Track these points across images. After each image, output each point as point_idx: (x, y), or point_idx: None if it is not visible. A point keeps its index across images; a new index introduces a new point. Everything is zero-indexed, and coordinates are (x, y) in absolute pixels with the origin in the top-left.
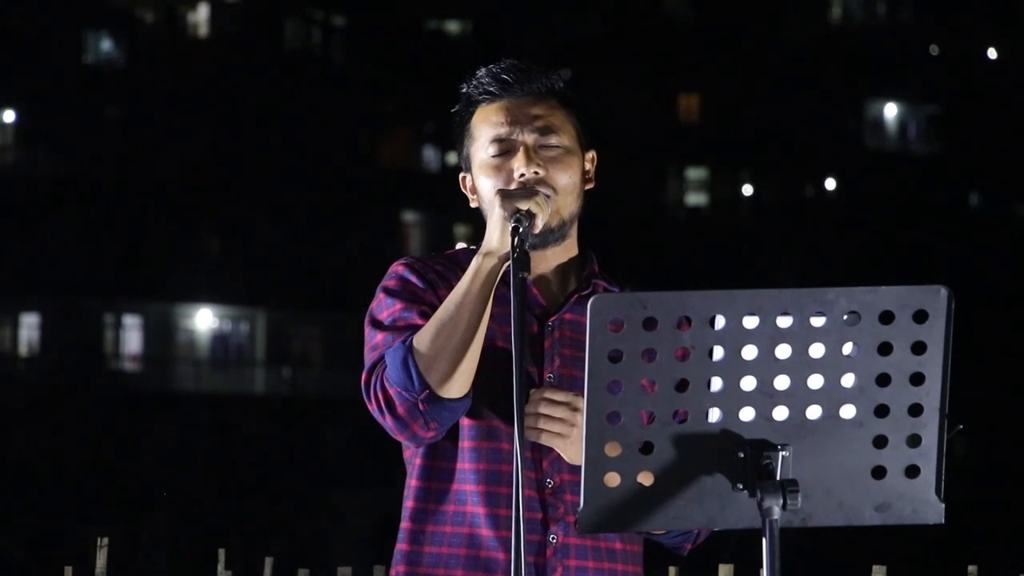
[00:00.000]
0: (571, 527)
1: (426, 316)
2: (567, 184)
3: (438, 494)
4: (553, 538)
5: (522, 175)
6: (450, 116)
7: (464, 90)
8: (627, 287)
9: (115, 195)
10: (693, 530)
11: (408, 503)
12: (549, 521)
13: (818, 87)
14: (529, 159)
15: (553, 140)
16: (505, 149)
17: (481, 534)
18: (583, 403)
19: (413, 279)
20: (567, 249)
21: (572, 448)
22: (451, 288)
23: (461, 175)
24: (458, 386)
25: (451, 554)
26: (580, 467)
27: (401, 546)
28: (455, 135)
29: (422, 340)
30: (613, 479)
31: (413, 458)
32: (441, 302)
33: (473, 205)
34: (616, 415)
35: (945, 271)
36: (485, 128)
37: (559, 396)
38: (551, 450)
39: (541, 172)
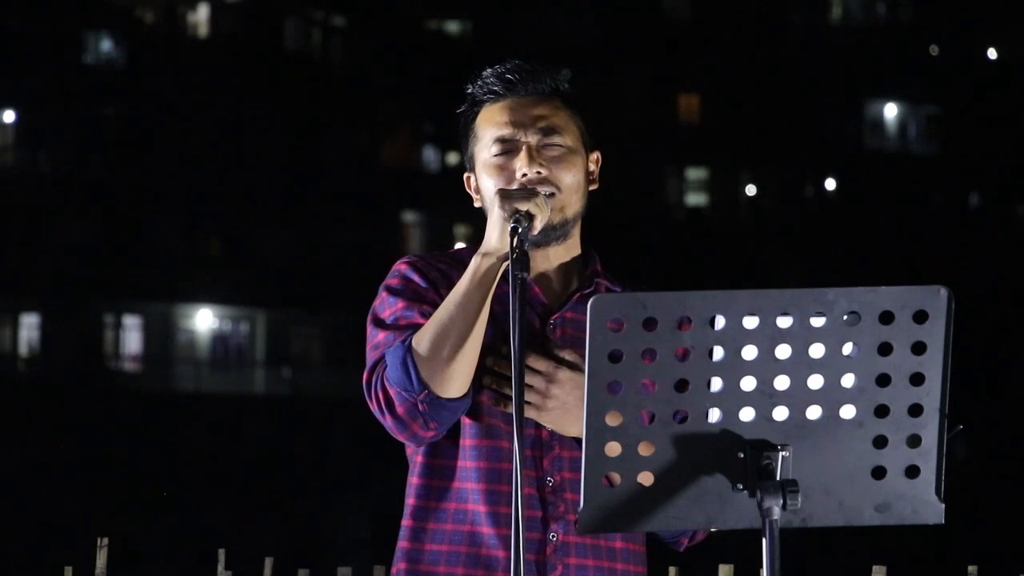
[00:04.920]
0: (571, 525)
1: (427, 315)
2: (571, 183)
3: (439, 492)
4: (553, 536)
5: (524, 175)
6: (450, 116)
7: (469, 90)
8: (629, 286)
9: (115, 195)
10: None
11: (409, 500)
12: (549, 519)
13: (818, 87)
14: (532, 159)
15: (556, 140)
16: (508, 149)
17: (482, 532)
18: (564, 375)
19: (415, 278)
20: (569, 248)
21: (549, 417)
22: (453, 287)
23: (465, 175)
24: (457, 386)
25: (452, 552)
26: (580, 465)
27: (402, 544)
28: (459, 135)
29: (421, 340)
30: (613, 479)
31: (414, 455)
32: (443, 300)
33: (477, 205)
34: (616, 415)
35: (945, 271)
36: (489, 128)
37: (539, 365)
38: (552, 448)
39: (544, 172)
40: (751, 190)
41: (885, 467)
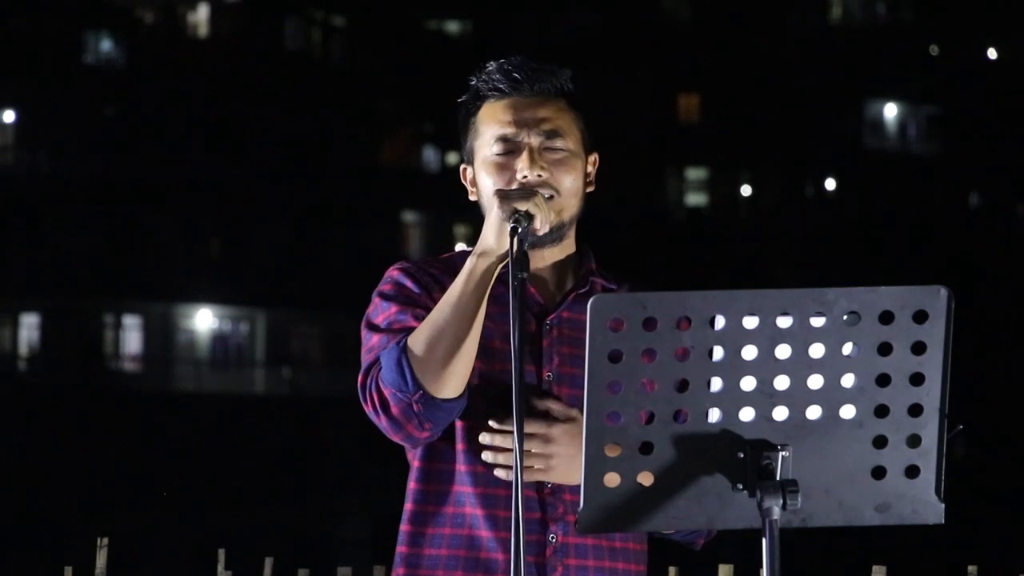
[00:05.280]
0: (570, 526)
1: (421, 319)
2: (570, 187)
3: (437, 496)
4: (553, 537)
5: (525, 176)
6: (451, 116)
7: (472, 83)
8: (625, 284)
9: (116, 195)
10: None
11: (407, 505)
12: (548, 521)
13: (818, 87)
14: (533, 161)
15: (558, 143)
16: (510, 149)
17: (480, 535)
18: (558, 431)
19: (408, 283)
20: (564, 247)
21: (555, 474)
22: (446, 291)
23: (462, 166)
24: (452, 387)
25: (451, 556)
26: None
27: (401, 548)
28: (459, 126)
29: (416, 341)
30: (613, 479)
31: (412, 460)
32: (436, 304)
33: (472, 198)
34: (616, 415)
35: (945, 271)
36: (491, 125)
37: (533, 428)
38: None
39: (544, 175)
40: (751, 190)
41: (885, 467)
